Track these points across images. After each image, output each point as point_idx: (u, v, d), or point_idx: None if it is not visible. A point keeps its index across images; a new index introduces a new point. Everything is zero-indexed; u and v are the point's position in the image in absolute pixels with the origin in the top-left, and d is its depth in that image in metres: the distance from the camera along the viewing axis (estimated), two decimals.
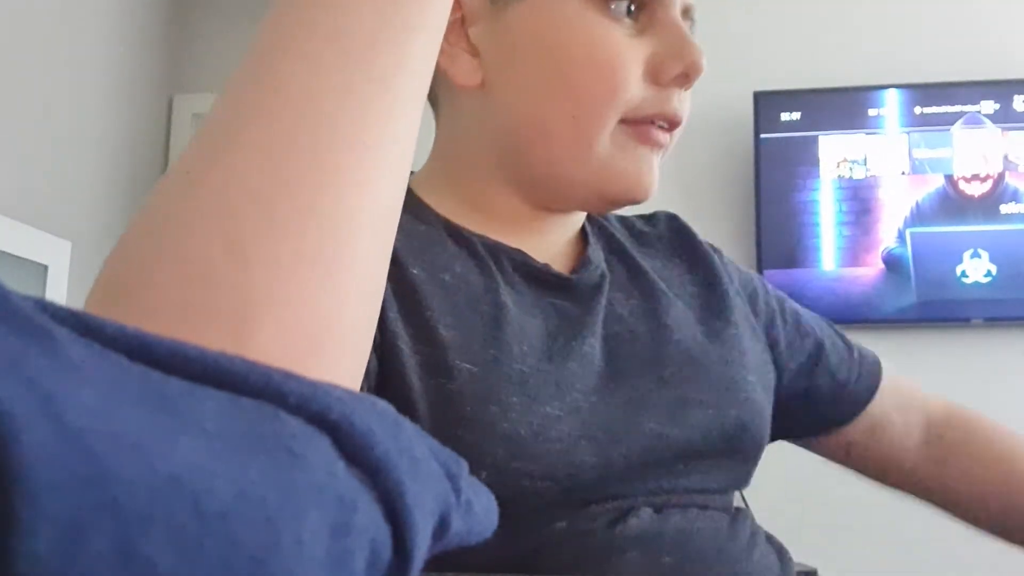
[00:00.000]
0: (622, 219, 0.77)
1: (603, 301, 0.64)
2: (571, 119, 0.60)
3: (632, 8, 0.60)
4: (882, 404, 0.80)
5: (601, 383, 0.59)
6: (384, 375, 0.53)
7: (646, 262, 0.71)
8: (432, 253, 0.58)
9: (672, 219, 0.78)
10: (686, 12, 0.64)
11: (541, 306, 0.61)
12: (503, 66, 0.62)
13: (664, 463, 0.59)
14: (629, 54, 0.59)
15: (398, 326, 0.54)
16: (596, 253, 0.68)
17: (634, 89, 0.60)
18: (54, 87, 2.72)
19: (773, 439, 0.74)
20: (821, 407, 0.79)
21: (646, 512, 0.57)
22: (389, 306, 0.54)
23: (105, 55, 2.99)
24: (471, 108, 0.64)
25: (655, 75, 0.60)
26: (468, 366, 0.54)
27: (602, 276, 0.66)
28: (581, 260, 0.67)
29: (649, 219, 0.78)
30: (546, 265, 0.64)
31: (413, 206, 0.61)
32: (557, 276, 0.64)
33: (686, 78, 0.61)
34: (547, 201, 0.65)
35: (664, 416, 0.60)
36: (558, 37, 0.60)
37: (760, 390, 0.68)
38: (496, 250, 0.62)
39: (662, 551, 0.56)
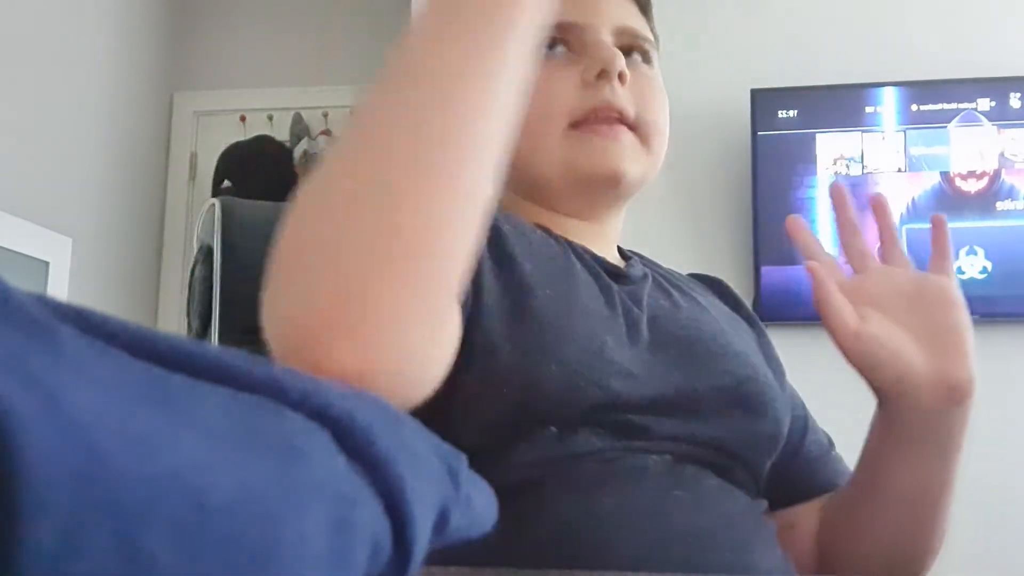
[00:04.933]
0: (668, 269, 0.90)
1: (646, 290, 0.78)
2: (529, 134, 0.78)
3: (567, 46, 0.78)
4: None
5: (642, 343, 0.70)
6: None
7: (687, 289, 0.83)
8: (520, 227, 0.73)
9: (718, 280, 0.91)
10: (622, 33, 0.79)
11: (599, 281, 0.74)
12: None
13: (687, 407, 0.69)
14: (560, 76, 0.76)
15: (486, 263, 0.67)
16: (635, 266, 0.82)
17: (567, 100, 0.76)
18: (55, 84, 2.71)
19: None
20: (791, 474, 0.82)
21: (667, 457, 0.66)
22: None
23: (106, 53, 2.99)
24: None
25: (585, 80, 0.76)
26: (547, 291, 0.67)
27: (643, 275, 0.80)
28: (624, 266, 0.82)
29: (692, 275, 0.92)
30: (604, 257, 0.78)
31: (504, 216, 0.79)
32: (612, 264, 0.78)
33: (605, 73, 0.75)
34: (558, 203, 0.79)
35: (690, 374, 0.70)
36: None
37: (776, 384, 0.76)
38: (567, 241, 0.77)
39: (676, 486, 0.65)
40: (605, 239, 0.83)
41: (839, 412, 0.90)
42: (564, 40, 0.78)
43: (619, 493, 0.63)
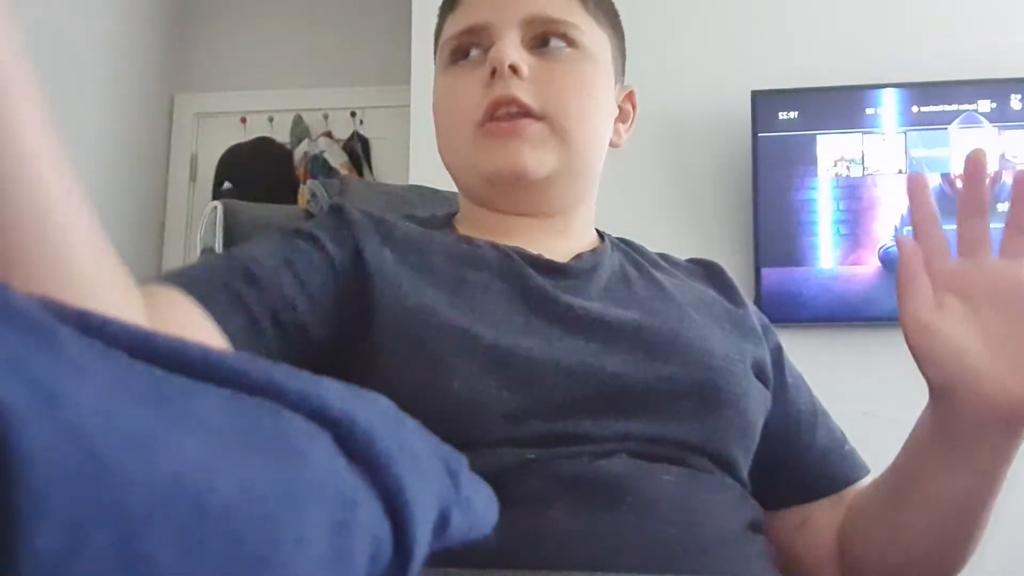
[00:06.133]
0: (662, 254, 0.87)
1: (595, 281, 0.76)
2: (447, 141, 0.81)
3: (480, 48, 0.78)
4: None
5: (578, 338, 0.68)
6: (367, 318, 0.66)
7: (662, 276, 0.81)
8: (424, 250, 0.73)
9: (713, 264, 0.88)
10: (532, 22, 0.78)
11: (527, 278, 0.72)
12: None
13: (630, 403, 0.66)
14: (466, 84, 0.78)
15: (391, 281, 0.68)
16: (598, 256, 0.79)
17: (470, 101, 0.77)
18: (56, 86, 2.71)
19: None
20: (798, 471, 0.80)
21: (622, 457, 0.63)
22: (384, 274, 0.68)
23: (107, 54, 2.99)
24: None
25: (482, 80, 0.77)
26: (445, 311, 0.66)
27: (596, 266, 0.78)
28: (578, 256, 0.79)
29: (691, 260, 0.89)
30: (540, 255, 0.76)
31: (443, 227, 0.81)
32: (549, 260, 0.76)
33: (496, 71, 0.76)
34: (493, 204, 0.80)
35: (628, 364, 0.67)
36: (434, 100, 0.83)
37: (742, 369, 0.72)
38: (497, 247, 0.76)
39: (628, 491, 0.61)
40: (563, 233, 0.81)
41: (838, 415, 0.89)
42: (476, 43, 0.79)
43: (564, 505, 0.60)
